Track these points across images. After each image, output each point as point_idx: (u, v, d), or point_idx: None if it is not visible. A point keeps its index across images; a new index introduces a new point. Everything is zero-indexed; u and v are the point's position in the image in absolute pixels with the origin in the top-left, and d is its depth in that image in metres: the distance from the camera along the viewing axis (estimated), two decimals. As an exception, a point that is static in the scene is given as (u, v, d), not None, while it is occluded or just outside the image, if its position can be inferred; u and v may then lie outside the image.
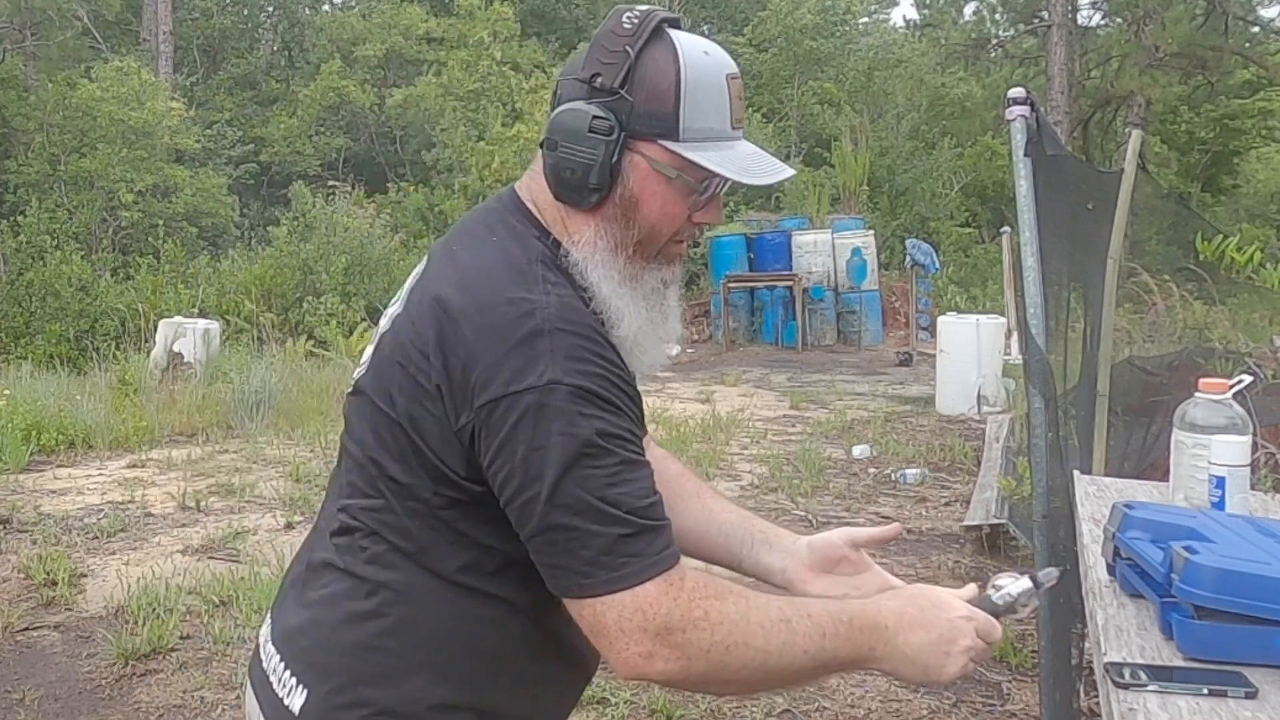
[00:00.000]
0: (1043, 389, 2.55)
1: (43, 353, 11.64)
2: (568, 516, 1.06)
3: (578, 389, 1.07)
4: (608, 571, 1.06)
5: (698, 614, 1.06)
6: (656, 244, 1.22)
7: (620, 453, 1.08)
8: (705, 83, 1.19)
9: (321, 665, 1.21)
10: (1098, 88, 22.20)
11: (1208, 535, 1.30)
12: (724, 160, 1.18)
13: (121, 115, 15.85)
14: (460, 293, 1.14)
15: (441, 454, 1.14)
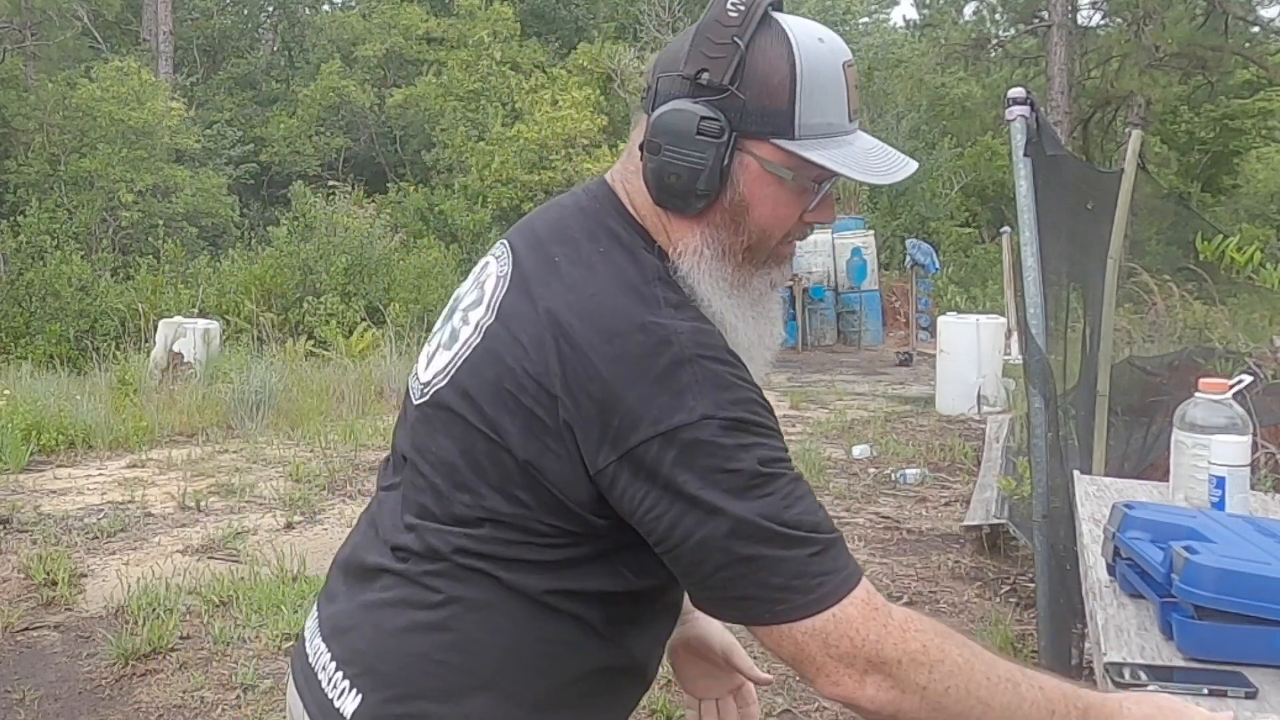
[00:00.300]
0: (1043, 389, 2.55)
1: (43, 353, 11.64)
2: (752, 546, 0.99)
3: (732, 420, 1.01)
4: (803, 595, 0.99)
5: (915, 647, 1.00)
6: (767, 248, 1.13)
7: (786, 473, 1.02)
8: (822, 74, 1.08)
9: (379, 672, 1.14)
10: (1098, 88, 22.20)
11: (1208, 535, 1.30)
12: (843, 158, 1.08)
13: (121, 115, 15.86)
14: (581, 319, 1.04)
15: (564, 490, 1.07)
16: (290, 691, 1.26)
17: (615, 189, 1.16)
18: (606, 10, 23.87)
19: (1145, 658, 1.21)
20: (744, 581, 1.01)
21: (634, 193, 1.15)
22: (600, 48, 19.20)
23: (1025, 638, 3.93)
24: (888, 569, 4.90)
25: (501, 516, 1.09)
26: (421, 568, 1.13)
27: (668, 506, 1.01)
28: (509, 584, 1.11)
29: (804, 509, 1.02)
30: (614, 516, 1.07)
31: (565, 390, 1.03)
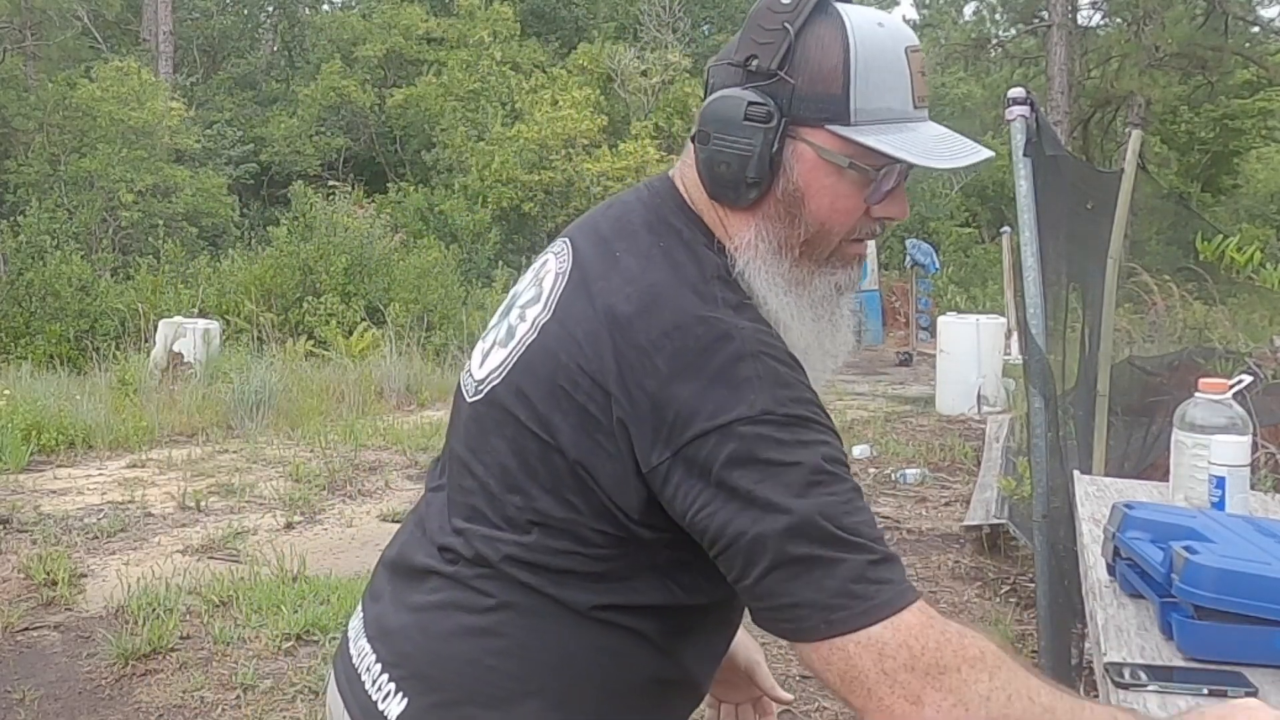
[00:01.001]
0: (1043, 389, 2.55)
1: (43, 353, 11.63)
2: (809, 546, 0.94)
3: (794, 417, 0.97)
4: (862, 601, 0.93)
5: (973, 652, 0.92)
6: (828, 244, 1.08)
7: (849, 479, 0.98)
8: (880, 57, 1.04)
9: (426, 676, 1.11)
10: (1098, 88, 22.21)
11: (1208, 535, 1.30)
12: (905, 143, 1.03)
13: (121, 115, 15.86)
14: (639, 314, 1.01)
15: (613, 494, 1.03)
16: (331, 691, 1.24)
17: (676, 184, 1.14)
18: (606, 10, 23.87)
19: (1145, 658, 1.21)
20: (798, 585, 0.95)
21: (691, 188, 1.12)
22: (600, 48, 19.20)
23: (1025, 638, 3.93)
24: (888, 569, 4.91)
25: (552, 521, 1.06)
26: (472, 571, 1.11)
27: (722, 504, 0.96)
28: (558, 599, 1.08)
29: (864, 519, 0.97)
30: (662, 528, 1.03)
31: (620, 386, 1.00)
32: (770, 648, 3.96)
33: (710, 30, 25.79)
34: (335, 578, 4.49)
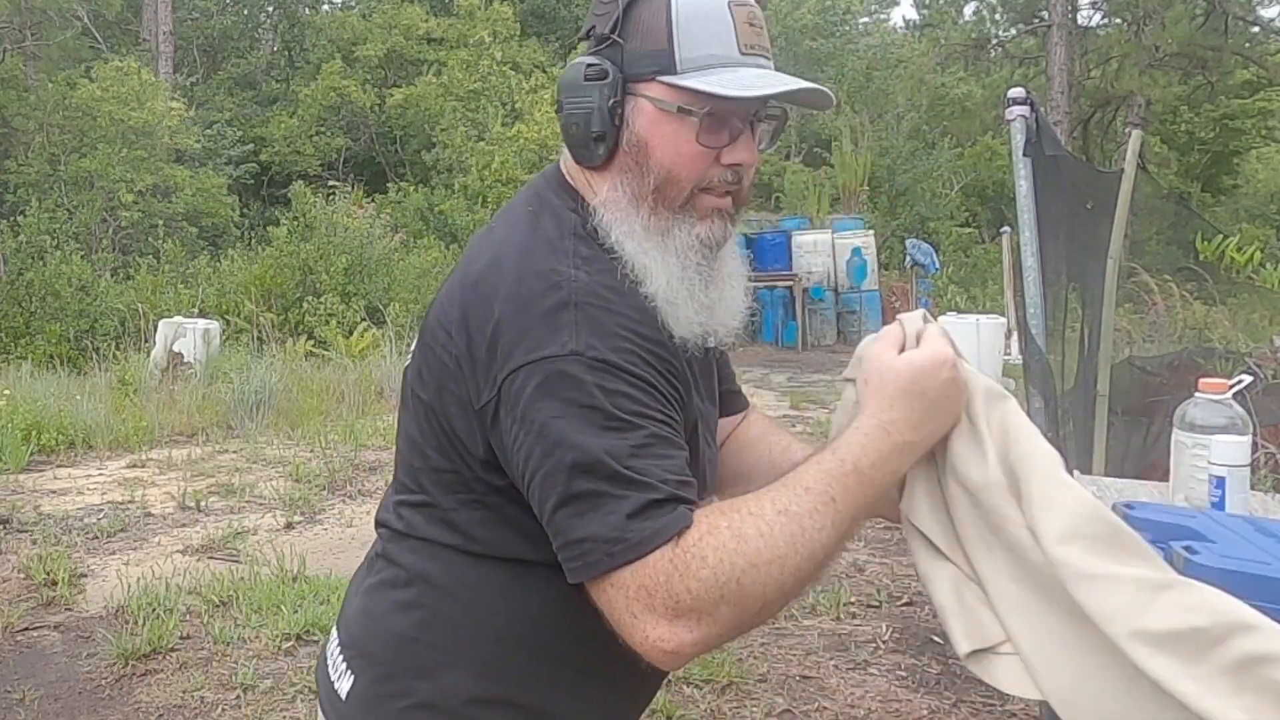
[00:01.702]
0: (1043, 389, 2.55)
1: (43, 353, 11.63)
2: (593, 483, 0.98)
3: (601, 361, 1.02)
4: (636, 534, 0.97)
5: (695, 565, 0.96)
6: (679, 191, 1.13)
7: (648, 427, 1.01)
8: (701, 10, 1.12)
9: (369, 654, 1.20)
10: (1098, 88, 22.21)
11: (1208, 535, 1.30)
12: (720, 82, 1.09)
13: (121, 115, 15.86)
14: (489, 267, 1.11)
15: (464, 436, 1.10)
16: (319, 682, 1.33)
17: (561, 164, 1.23)
18: (606, 10, 23.86)
19: (1145, 658, 1.21)
20: (582, 521, 0.98)
21: (567, 158, 1.21)
22: (600, 48, 19.20)
23: (1025, 638, 3.93)
24: (888, 569, 4.90)
25: (444, 479, 1.14)
26: (396, 545, 1.20)
27: (524, 437, 1.02)
28: (472, 554, 1.14)
29: (654, 463, 0.99)
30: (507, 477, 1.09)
31: (460, 330, 1.09)
32: (770, 647, 3.97)
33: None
34: (335, 578, 4.49)
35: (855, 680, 3.69)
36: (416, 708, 1.16)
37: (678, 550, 0.97)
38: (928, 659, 3.88)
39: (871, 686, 3.64)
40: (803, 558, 0.98)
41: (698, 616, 0.96)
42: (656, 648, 0.97)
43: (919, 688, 3.63)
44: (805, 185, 18.00)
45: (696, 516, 0.99)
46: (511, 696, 1.16)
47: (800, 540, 0.98)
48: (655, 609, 0.96)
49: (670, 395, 1.07)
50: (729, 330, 1.20)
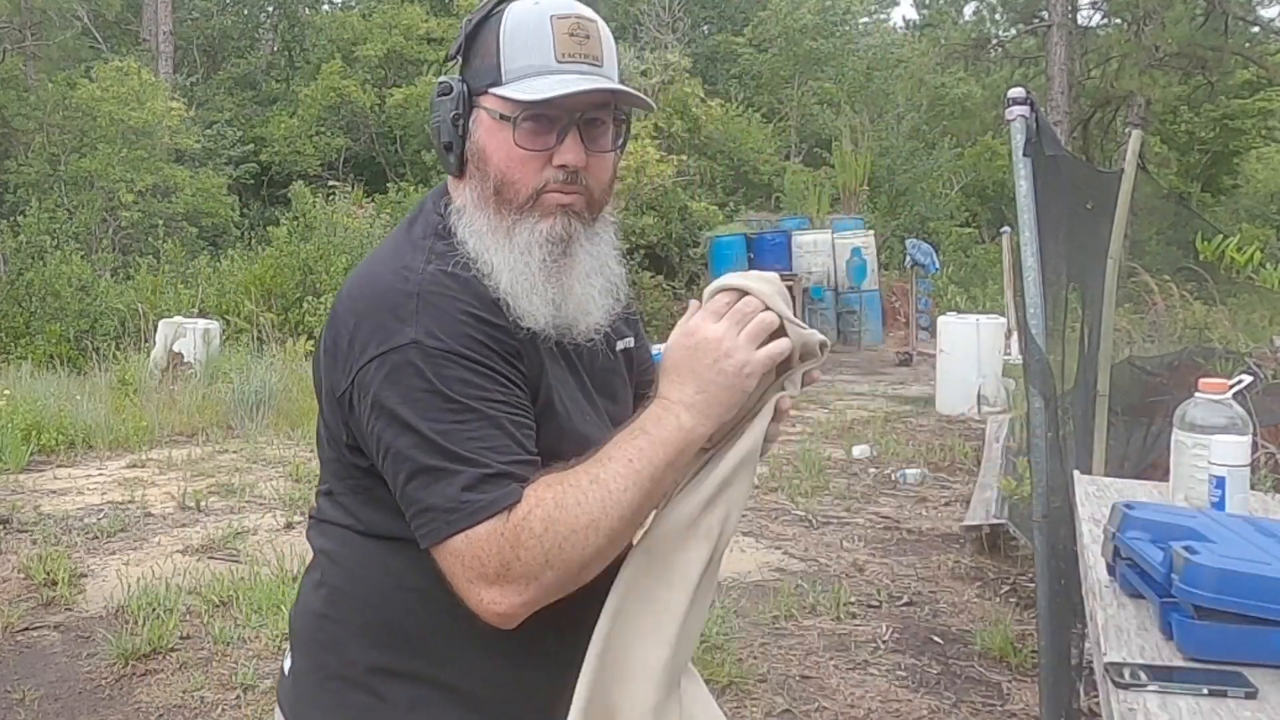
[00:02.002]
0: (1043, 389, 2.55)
1: (43, 353, 11.62)
2: (431, 460, 1.11)
3: (439, 349, 1.13)
4: (469, 506, 1.09)
5: (523, 535, 1.08)
6: (516, 192, 1.22)
7: (482, 409, 1.13)
8: (523, 26, 1.22)
9: (296, 633, 1.34)
10: (1098, 88, 22.21)
11: (1208, 535, 1.30)
12: (528, 87, 1.19)
13: (121, 115, 15.85)
14: (362, 269, 1.24)
15: (334, 424, 1.23)
16: None
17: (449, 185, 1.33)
18: (606, 10, 23.86)
19: (1145, 658, 1.21)
20: (424, 493, 1.11)
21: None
22: (600, 48, 19.20)
23: (1025, 638, 3.93)
24: (888, 569, 4.90)
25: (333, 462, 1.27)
26: (313, 531, 1.34)
27: (377, 421, 1.14)
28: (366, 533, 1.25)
29: (485, 444, 1.11)
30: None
31: (331, 329, 1.21)
32: (770, 647, 3.96)
33: (710, 30, 25.79)
34: (335, 578, 4.49)
35: (855, 680, 3.69)
36: (329, 679, 1.27)
37: (509, 523, 1.09)
38: (928, 659, 3.88)
39: (871, 686, 3.64)
40: (613, 519, 1.11)
41: (526, 581, 1.09)
42: (490, 609, 1.10)
43: (919, 688, 3.63)
44: (805, 185, 17.99)
45: (526, 491, 1.11)
46: (416, 670, 1.24)
47: (609, 503, 1.11)
48: (488, 576, 1.09)
49: (510, 377, 1.17)
50: (590, 325, 1.27)
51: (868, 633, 4.13)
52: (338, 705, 1.27)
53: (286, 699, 1.36)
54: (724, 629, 4.05)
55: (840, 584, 4.61)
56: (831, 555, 5.14)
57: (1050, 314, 2.65)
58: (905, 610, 4.39)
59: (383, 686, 1.24)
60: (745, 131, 19.83)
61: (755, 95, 22.50)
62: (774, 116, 22.12)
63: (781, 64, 22.37)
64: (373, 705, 1.25)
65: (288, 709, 1.35)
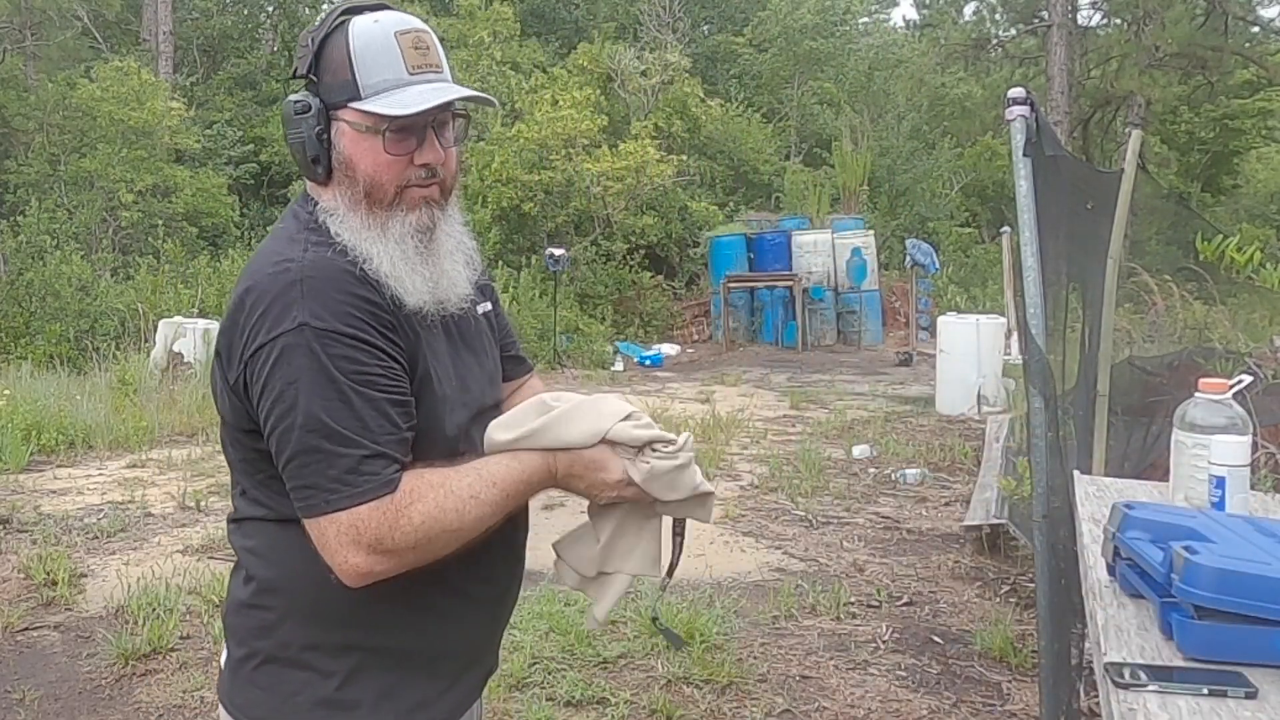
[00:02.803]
0: (1043, 389, 2.55)
1: (43, 353, 11.61)
2: (317, 440, 1.21)
3: (325, 329, 1.23)
4: (350, 488, 1.21)
5: (401, 521, 1.22)
6: (384, 192, 1.35)
7: (365, 390, 1.23)
8: (371, 44, 1.34)
9: (229, 626, 1.43)
10: (1098, 88, 22.20)
11: (1208, 535, 1.30)
12: (392, 103, 1.32)
13: (121, 115, 15.83)
14: (245, 272, 1.33)
15: (234, 416, 1.32)
16: None
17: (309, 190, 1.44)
18: (606, 10, 23.86)
19: (1145, 658, 1.21)
20: (307, 471, 1.22)
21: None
22: (600, 48, 19.17)
23: (1025, 638, 3.93)
24: (888, 569, 4.90)
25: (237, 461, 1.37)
26: (234, 531, 1.42)
27: (265, 401, 1.24)
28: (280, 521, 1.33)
29: (369, 424, 1.23)
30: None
31: (222, 335, 1.31)
32: (770, 647, 3.96)
33: (710, 30, 25.78)
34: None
35: (855, 680, 3.69)
36: (265, 663, 1.37)
37: (389, 505, 1.22)
38: (928, 659, 3.88)
39: (871, 686, 3.64)
40: (474, 531, 1.29)
41: (391, 556, 1.23)
42: (353, 571, 1.23)
43: (919, 688, 3.63)
44: (805, 185, 17.98)
45: (413, 481, 1.25)
46: (348, 641, 1.35)
47: (479, 521, 1.29)
48: (361, 545, 1.22)
49: (387, 350, 1.28)
50: (460, 297, 1.42)
51: (868, 633, 4.13)
52: (275, 684, 1.36)
53: (225, 690, 1.43)
54: (724, 629, 4.05)
55: (840, 584, 4.61)
56: (831, 555, 5.14)
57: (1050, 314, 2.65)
58: (905, 610, 4.39)
59: (318, 661, 1.35)
60: (745, 131, 19.83)
61: (755, 95, 22.49)
62: (774, 116, 22.11)
63: (781, 64, 22.36)
64: (310, 680, 1.35)
65: (227, 699, 1.42)
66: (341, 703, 1.34)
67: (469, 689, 1.48)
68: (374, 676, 1.36)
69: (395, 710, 1.37)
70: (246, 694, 1.38)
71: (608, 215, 15.41)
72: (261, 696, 1.37)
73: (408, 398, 1.30)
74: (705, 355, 14.30)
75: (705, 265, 16.38)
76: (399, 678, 1.37)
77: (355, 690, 1.35)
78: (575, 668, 3.73)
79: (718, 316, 15.15)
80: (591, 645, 3.88)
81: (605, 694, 3.51)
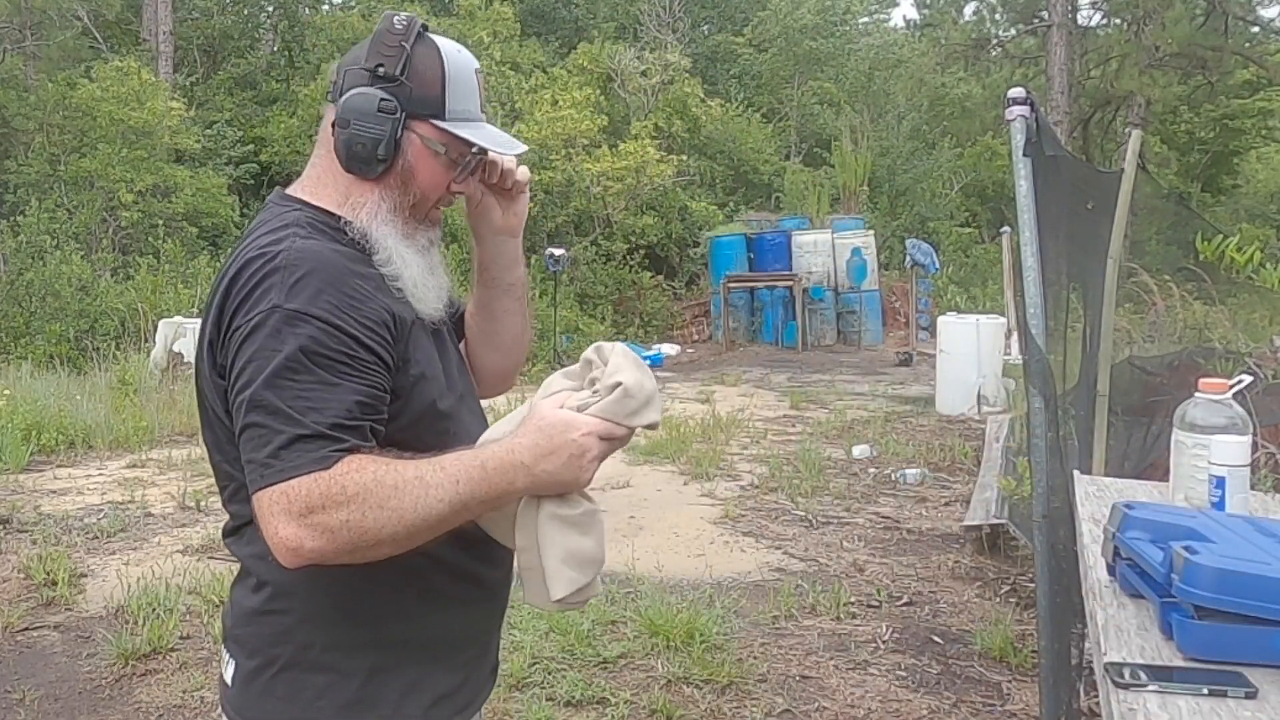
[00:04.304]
0: (1043, 389, 2.55)
1: (43, 353, 11.61)
2: (262, 416, 1.22)
3: (295, 312, 1.24)
4: (276, 465, 1.20)
5: (334, 490, 1.19)
6: (425, 207, 1.44)
7: (321, 373, 1.23)
8: (461, 73, 1.42)
9: (239, 638, 1.40)
10: (1098, 88, 22.20)
11: (1208, 535, 1.30)
12: (482, 136, 1.41)
13: (121, 115, 15.82)
14: (230, 267, 1.33)
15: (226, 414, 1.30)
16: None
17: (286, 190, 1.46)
18: (606, 10, 23.85)
19: (1145, 658, 1.21)
20: (250, 444, 1.23)
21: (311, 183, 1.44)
22: (600, 48, 19.17)
23: (1025, 638, 3.93)
24: (888, 569, 4.90)
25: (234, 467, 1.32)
26: (235, 542, 1.41)
27: (234, 376, 1.26)
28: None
29: (321, 406, 1.22)
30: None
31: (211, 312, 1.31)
32: (770, 647, 3.96)
33: (710, 30, 25.77)
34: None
35: (855, 680, 3.69)
36: (283, 671, 1.34)
37: (322, 477, 1.20)
38: (928, 659, 3.88)
39: (871, 686, 3.64)
40: (418, 516, 1.22)
41: (322, 529, 1.19)
42: (283, 543, 1.20)
43: (919, 688, 3.63)
44: (805, 185, 17.98)
45: (356, 458, 1.22)
46: (368, 639, 1.35)
47: (422, 503, 1.22)
48: (291, 515, 1.19)
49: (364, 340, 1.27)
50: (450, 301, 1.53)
51: (868, 633, 4.13)
52: (296, 692, 1.34)
53: (235, 706, 1.39)
54: (724, 629, 4.05)
55: (840, 584, 4.61)
56: (831, 555, 5.14)
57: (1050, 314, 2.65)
58: (905, 610, 4.39)
59: (340, 662, 1.34)
60: (745, 131, 19.82)
61: (755, 95, 22.49)
62: (774, 116, 22.11)
63: (781, 64, 22.35)
64: (333, 682, 1.33)
65: (239, 715, 1.38)
66: (365, 701, 1.34)
67: (481, 681, 1.50)
68: (396, 673, 1.36)
69: (419, 704, 1.37)
70: (263, 706, 1.35)
71: (608, 215, 15.40)
72: (280, 707, 1.34)
73: (374, 389, 1.28)
74: (705, 355, 14.30)
75: (705, 265, 16.37)
76: (421, 672, 1.38)
77: (378, 688, 1.35)
78: (575, 668, 3.73)
79: (718, 316, 15.15)
80: (591, 645, 3.88)
81: (605, 694, 3.51)
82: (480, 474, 1.25)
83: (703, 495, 6.32)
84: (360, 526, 1.20)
